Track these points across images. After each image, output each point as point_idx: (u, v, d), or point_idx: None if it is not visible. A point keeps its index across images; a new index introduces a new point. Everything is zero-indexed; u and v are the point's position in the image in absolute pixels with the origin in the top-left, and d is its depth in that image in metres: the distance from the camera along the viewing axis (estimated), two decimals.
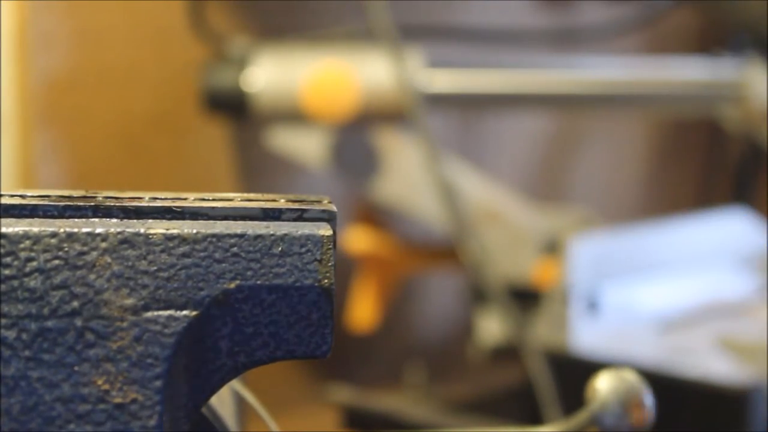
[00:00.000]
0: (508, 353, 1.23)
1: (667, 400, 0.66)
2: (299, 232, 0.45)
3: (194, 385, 0.45)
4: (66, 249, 0.44)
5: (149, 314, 0.44)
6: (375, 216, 1.36)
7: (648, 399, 0.61)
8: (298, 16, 1.39)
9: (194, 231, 0.45)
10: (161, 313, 0.44)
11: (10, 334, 0.43)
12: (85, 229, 0.44)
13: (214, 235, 0.45)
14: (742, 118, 1.36)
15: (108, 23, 1.27)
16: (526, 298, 1.24)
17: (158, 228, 0.45)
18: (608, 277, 1.22)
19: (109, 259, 0.44)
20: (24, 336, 0.43)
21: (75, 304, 0.43)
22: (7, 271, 0.43)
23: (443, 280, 1.53)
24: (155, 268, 0.44)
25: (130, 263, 0.44)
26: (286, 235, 0.45)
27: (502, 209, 1.31)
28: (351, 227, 1.34)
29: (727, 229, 1.37)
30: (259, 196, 0.48)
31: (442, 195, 1.15)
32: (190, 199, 0.47)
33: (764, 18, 1.37)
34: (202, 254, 0.44)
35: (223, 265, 0.44)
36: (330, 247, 0.45)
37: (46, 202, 0.45)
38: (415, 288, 1.52)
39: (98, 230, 0.44)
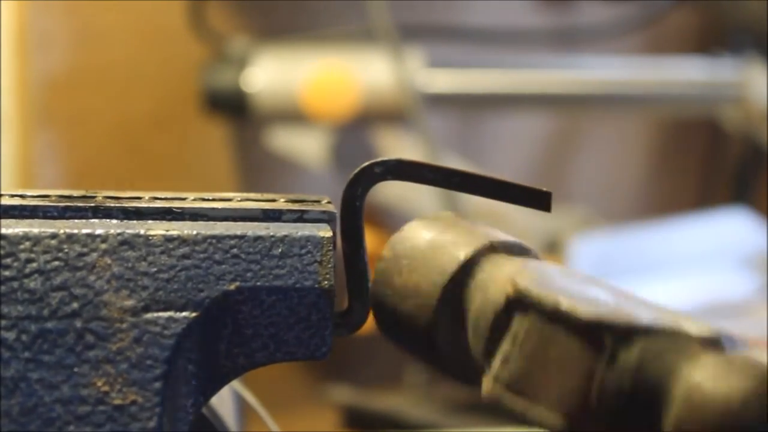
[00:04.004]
0: None
1: None
2: (299, 234, 0.45)
3: (194, 386, 0.45)
4: (66, 250, 0.44)
5: (149, 315, 0.44)
6: (375, 216, 1.36)
7: None
8: (298, 16, 1.39)
9: (194, 232, 0.45)
10: (161, 314, 0.44)
11: (10, 336, 0.43)
12: (84, 231, 0.44)
13: (214, 237, 0.45)
14: (742, 118, 1.36)
15: (108, 23, 1.27)
16: None
17: (158, 229, 0.45)
18: (609, 277, 1.22)
19: (109, 261, 0.44)
20: (24, 337, 0.43)
21: (75, 305, 0.43)
22: (7, 273, 0.43)
23: None
24: (155, 269, 0.44)
25: (130, 264, 0.44)
26: (286, 236, 0.45)
27: (502, 209, 1.31)
28: None
29: (727, 229, 1.37)
30: (258, 195, 0.48)
31: (442, 195, 1.15)
32: (190, 199, 0.47)
33: (764, 18, 1.37)
34: (202, 255, 0.44)
35: (223, 266, 0.44)
36: (330, 248, 0.45)
37: (46, 203, 0.45)
38: None
39: (98, 231, 0.44)
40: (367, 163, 0.47)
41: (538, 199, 0.48)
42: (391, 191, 1.29)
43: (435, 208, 1.24)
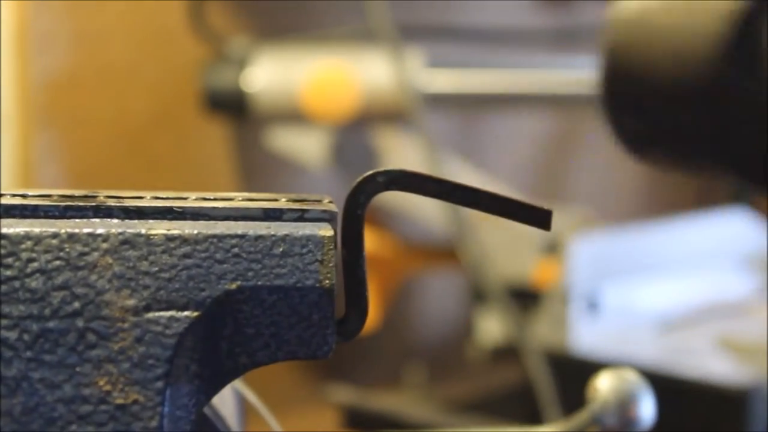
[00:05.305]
0: (508, 353, 1.23)
1: (667, 400, 0.66)
2: (300, 233, 0.45)
3: (196, 385, 0.45)
4: (67, 250, 0.44)
5: (150, 315, 0.44)
6: (375, 216, 1.36)
7: (648, 399, 0.61)
8: (298, 16, 1.39)
9: (195, 231, 0.45)
10: (162, 313, 0.44)
11: (12, 335, 0.43)
12: (86, 230, 0.44)
13: (215, 236, 0.45)
14: None
15: (108, 23, 1.27)
16: (526, 298, 1.24)
17: (159, 228, 0.45)
18: (608, 277, 1.22)
19: (110, 260, 0.44)
20: (25, 337, 0.43)
21: (76, 304, 0.43)
22: (8, 272, 0.43)
23: (443, 280, 1.53)
24: (156, 268, 0.44)
25: (131, 264, 0.44)
26: (287, 235, 0.45)
27: None
28: None
29: (727, 229, 1.37)
30: (260, 195, 0.48)
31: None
32: (191, 199, 0.47)
33: None
34: (203, 255, 0.44)
35: (224, 265, 0.44)
36: (331, 247, 0.45)
37: (47, 203, 0.45)
38: (415, 288, 1.52)
39: (99, 231, 0.44)
40: (370, 172, 0.47)
41: (538, 217, 0.49)
42: (392, 192, 1.29)
43: (435, 207, 1.24)
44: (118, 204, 0.45)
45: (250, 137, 1.33)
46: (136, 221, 0.45)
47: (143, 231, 0.44)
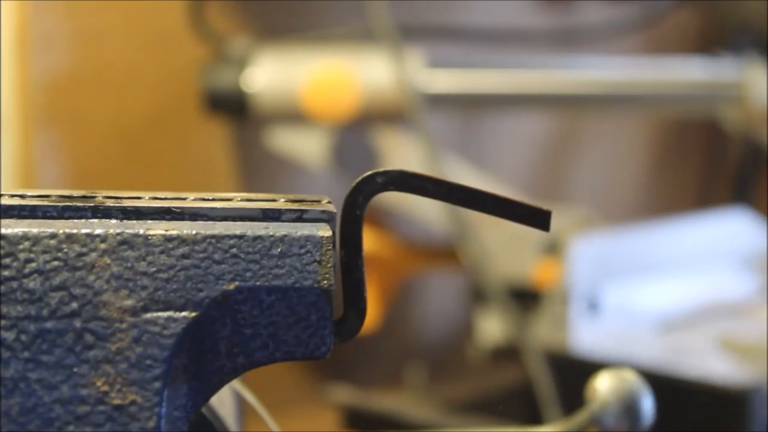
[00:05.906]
0: (508, 353, 1.23)
1: (667, 400, 0.66)
2: (298, 233, 0.45)
3: (194, 385, 0.45)
4: (65, 250, 0.44)
5: (148, 315, 0.44)
6: (375, 216, 1.36)
7: (648, 399, 0.61)
8: (298, 16, 1.39)
9: (193, 232, 0.45)
10: (160, 314, 0.44)
11: (9, 336, 0.43)
12: (84, 230, 0.44)
13: (213, 236, 0.45)
14: (742, 118, 1.36)
15: (108, 23, 1.27)
16: (526, 298, 1.24)
17: (157, 229, 0.45)
18: (608, 277, 1.22)
19: (108, 260, 0.44)
20: (23, 337, 0.43)
21: (74, 305, 0.43)
22: (6, 273, 0.43)
23: (443, 280, 1.53)
24: (154, 269, 0.44)
25: (129, 264, 0.44)
26: (285, 236, 0.45)
27: None
28: None
29: (727, 229, 1.37)
30: (258, 195, 0.48)
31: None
32: (190, 199, 0.47)
33: (764, 18, 1.37)
34: (201, 255, 0.44)
35: (223, 266, 0.44)
36: (329, 248, 0.45)
37: (45, 203, 0.45)
38: (415, 288, 1.52)
39: (97, 231, 0.44)
40: (369, 173, 0.47)
41: (537, 218, 0.49)
42: (392, 192, 1.28)
43: (435, 207, 1.24)
44: (116, 204, 0.45)
45: (250, 137, 1.33)
46: (134, 222, 0.45)
47: (141, 231, 0.44)
